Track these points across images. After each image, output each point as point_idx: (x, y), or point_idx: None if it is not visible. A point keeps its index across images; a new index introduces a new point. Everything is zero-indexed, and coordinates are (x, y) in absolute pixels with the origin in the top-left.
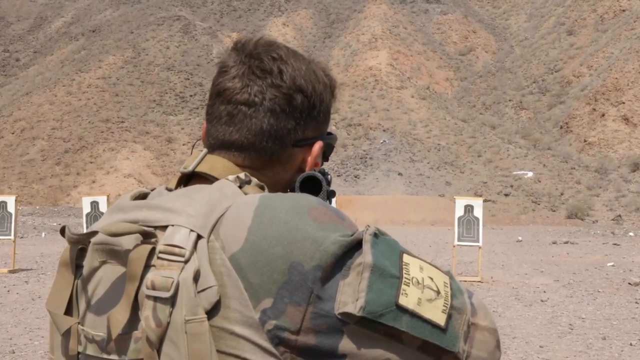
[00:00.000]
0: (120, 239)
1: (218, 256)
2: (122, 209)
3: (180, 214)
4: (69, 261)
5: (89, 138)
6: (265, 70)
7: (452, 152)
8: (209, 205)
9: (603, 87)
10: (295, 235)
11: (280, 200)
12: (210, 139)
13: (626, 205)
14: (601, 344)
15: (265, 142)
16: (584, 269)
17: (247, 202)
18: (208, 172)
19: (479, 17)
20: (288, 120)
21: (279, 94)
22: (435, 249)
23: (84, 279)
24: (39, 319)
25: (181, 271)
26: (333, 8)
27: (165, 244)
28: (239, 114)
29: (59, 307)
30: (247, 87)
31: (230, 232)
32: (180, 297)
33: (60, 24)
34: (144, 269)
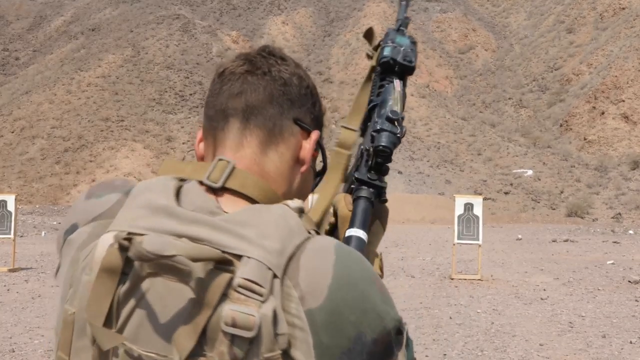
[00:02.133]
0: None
1: (294, 305)
2: (177, 216)
3: (256, 246)
4: (116, 269)
5: (89, 137)
6: (274, 54)
7: (451, 151)
8: (281, 242)
9: (603, 85)
10: (366, 306)
11: (352, 260)
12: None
13: (626, 203)
14: (601, 342)
15: (272, 108)
16: (584, 267)
17: (324, 254)
18: (239, 189)
19: (478, 16)
20: (290, 95)
21: (284, 69)
22: (435, 248)
23: (129, 288)
24: (39, 317)
25: (259, 309)
26: (332, 6)
27: (245, 277)
28: (245, 82)
29: (98, 317)
30: (252, 61)
31: (310, 284)
32: (262, 337)
33: (60, 22)
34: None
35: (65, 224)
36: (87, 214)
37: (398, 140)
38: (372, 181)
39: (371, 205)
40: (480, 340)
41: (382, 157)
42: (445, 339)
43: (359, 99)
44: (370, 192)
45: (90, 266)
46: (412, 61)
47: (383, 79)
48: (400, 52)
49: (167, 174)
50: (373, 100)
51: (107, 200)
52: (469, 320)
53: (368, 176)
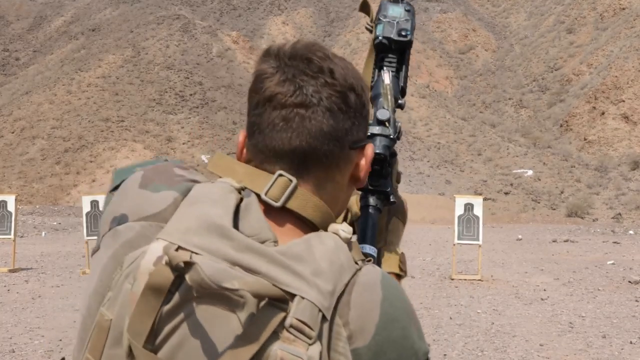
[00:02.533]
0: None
1: (342, 344)
2: (231, 239)
3: (310, 285)
4: (164, 288)
5: (89, 137)
6: (316, 69)
7: (452, 151)
8: (333, 281)
9: (603, 86)
10: (405, 344)
11: (397, 295)
12: (261, 151)
13: (626, 204)
14: (601, 342)
15: (327, 145)
16: (584, 267)
17: (372, 290)
18: (299, 211)
19: (478, 16)
20: (345, 120)
21: (334, 93)
22: (435, 248)
23: (173, 307)
24: (39, 318)
25: (307, 351)
26: (333, 7)
27: (298, 318)
28: (296, 117)
29: (140, 336)
30: (301, 88)
31: (359, 323)
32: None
33: (60, 23)
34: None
35: (114, 210)
36: (140, 209)
37: (392, 141)
38: (375, 187)
39: (378, 212)
40: (480, 340)
41: (378, 163)
42: (446, 339)
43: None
44: (375, 199)
45: (135, 275)
46: (408, 34)
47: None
48: (394, 27)
49: (217, 170)
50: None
51: (163, 198)
52: (469, 320)
53: (369, 183)
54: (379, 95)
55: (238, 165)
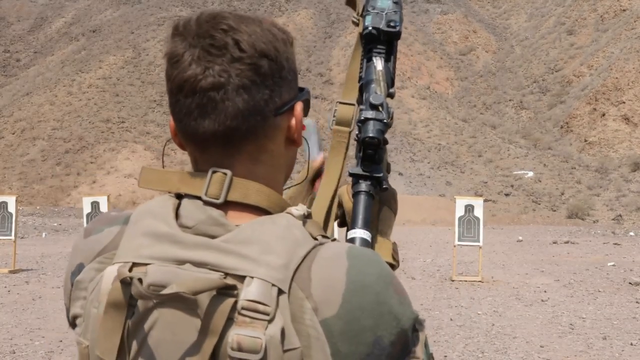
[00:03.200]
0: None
1: (308, 317)
2: (179, 242)
3: (259, 264)
4: (122, 303)
5: (90, 138)
6: (220, 46)
7: (452, 152)
8: (286, 255)
9: (603, 87)
10: (382, 309)
11: (368, 263)
12: (188, 139)
13: (627, 205)
14: (602, 343)
15: (248, 121)
16: (585, 269)
17: (336, 261)
18: (242, 200)
19: (479, 17)
20: (262, 91)
21: (243, 67)
22: (435, 249)
23: (138, 320)
24: (40, 319)
25: (265, 329)
26: (333, 8)
27: (249, 299)
28: (210, 102)
29: (110, 352)
30: (208, 69)
31: (324, 294)
32: (269, 357)
33: (61, 24)
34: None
35: (70, 267)
36: (90, 251)
37: (385, 125)
38: (367, 173)
39: (371, 198)
40: (480, 341)
41: (371, 147)
42: (446, 341)
43: (351, 71)
44: (368, 184)
45: (98, 299)
46: (397, 25)
47: (370, 51)
48: (382, 18)
49: (150, 185)
50: (362, 78)
51: (107, 233)
52: (469, 321)
53: (362, 168)
54: (371, 81)
55: (170, 173)
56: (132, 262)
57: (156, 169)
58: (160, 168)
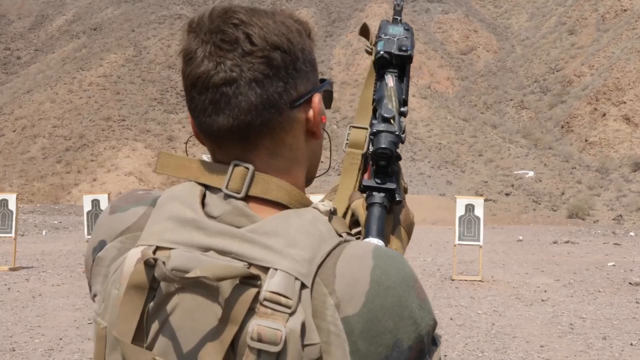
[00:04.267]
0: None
1: (330, 312)
2: (204, 229)
3: (283, 256)
4: (144, 285)
5: (90, 136)
6: (231, 40)
7: (453, 152)
8: (311, 250)
9: (604, 87)
10: (403, 312)
11: (392, 264)
12: (205, 135)
13: (627, 205)
14: (602, 343)
15: (263, 115)
16: (585, 269)
17: (362, 260)
18: (263, 196)
19: (480, 17)
20: (275, 83)
21: (255, 60)
22: (436, 248)
23: (158, 303)
24: (39, 317)
25: (286, 322)
26: (334, 7)
27: (271, 291)
28: (222, 97)
29: (127, 334)
30: (220, 64)
31: (347, 292)
32: (289, 350)
33: (62, 22)
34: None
35: (93, 242)
36: (114, 229)
37: (397, 138)
38: (380, 185)
39: (385, 209)
40: (480, 341)
41: (384, 159)
42: (446, 340)
43: (364, 96)
44: (381, 197)
45: (120, 281)
46: (408, 49)
47: (382, 75)
48: (394, 43)
49: (167, 170)
50: (375, 100)
51: (132, 213)
52: (469, 321)
53: (376, 181)
54: (383, 97)
55: (189, 161)
56: (155, 245)
57: (175, 155)
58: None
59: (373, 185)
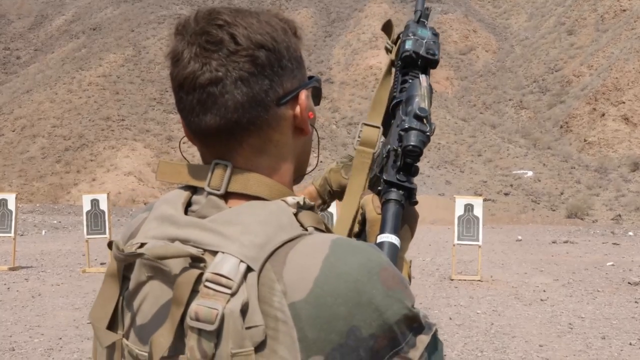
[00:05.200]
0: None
1: (276, 299)
2: (176, 223)
3: (233, 241)
4: (117, 273)
5: (90, 136)
6: (216, 41)
7: (452, 152)
8: (265, 236)
9: (603, 87)
10: (361, 298)
11: (352, 252)
12: (194, 135)
13: (626, 205)
14: (601, 343)
15: (249, 113)
16: (584, 269)
17: (316, 248)
18: (242, 191)
19: (479, 17)
20: (261, 82)
21: (240, 59)
22: (435, 248)
23: (131, 292)
24: (39, 316)
25: (227, 303)
26: (334, 7)
27: (213, 272)
28: (209, 97)
29: (102, 319)
30: (206, 65)
31: (295, 278)
32: (227, 329)
33: (61, 22)
34: (191, 293)
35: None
36: (124, 235)
37: (427, 138)
38: (402, 183)
39: (402, 208)
40: (480, 341)
41: (412, 157)
42: (445, 340)
43: (379, 95)
44: (400, 194)
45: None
46: (436, 54)
47: (406, 74)
48: (422, 45)
49: (166, 177)
50: (396, 97)
51: (138, 218)
52: (468, 321)
53: (397, 177)
54: (414, 95)
55: (181, 166)
56: (141, 242)
57: (171, 162)
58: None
59: (394, 182)
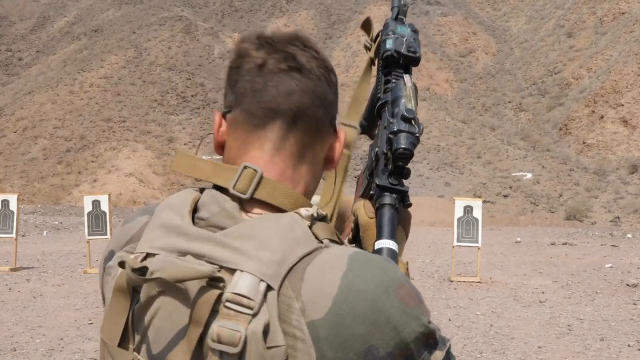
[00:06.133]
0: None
1: (295, 317)
2: (185, 234)
3: (250, 258)
4: (127, 288)
5: (91, 137)
6: (302, 45)
7: (451, 153)
8: (282, 252)
9: (602, 90)
10: (379, 317)
11: (369, 268)
12: (254, 115)
13: (624, 207)
14: (599, 345)
15: (318, 109)
16: (583, 270)
17: (334, 264)
18: (267, 200)
19: (479, 19)
20: (331, 94)
21: (322, 66)
22: (434, 250)
23: (141, 306)
24: (40, 317)
25: (248, 324)
26: (334, 9)
27: (234, 292)
28: (292, 78)
29: (113, 335)
30: (293, 56)
31: (313, 296)
32: (249, 352)
33: (63, 23)
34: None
35: (105, 253)
36: (121, 239)
37: (417, 140)
38: (395, 186)
39: (396, 211)
40: (479, 342)
41: (403, 160)
42: None
43: (358, 94)
44: (393, 198)
45: (112, 286)
46: (417, 51)
47: (388, 74)
48: (403, 43)
49: (181, 169)
50: (381, 98)
51: (137, 222)
52: (467, 322)
53: (389, 181)
54: (400, 97)
55: (202, 162)
56: (146, 252)
57: (190, 155)
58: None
59: (387, 186)
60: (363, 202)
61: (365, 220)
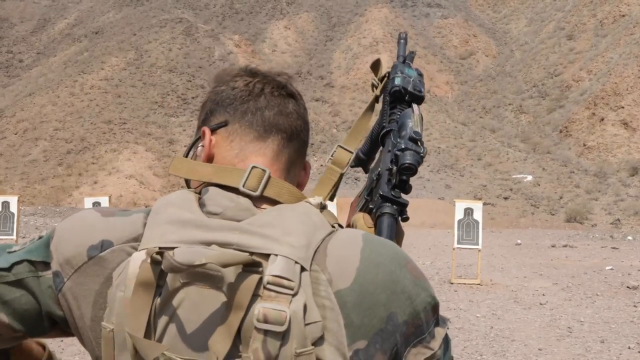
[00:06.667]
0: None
1: (323, 288)
2: (204, 226)
3: (281, 243)
4: (151, 282)
5: (91, 139)
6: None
7: (452, 156)
8: (306, 237)
9: (602, 92)
10: (396, 287)
11: (382, 245)
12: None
13: (625, 209)
14: (600, 347)
15: (305, 134)
16: (583, 273)
17: (351, 241)
18: (275, 197)
19: (479, 22)
20: (308, 128)
21: (302, 106)
22: (434, 252)
23: (165, 299)
24: None
25: (290, 304)
26: (334, 11)
27: (274, 274)
28: (289, 103)
29: (138, 330)
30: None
31: (338, 268)
32: (293, 330)
33: (64, 25)
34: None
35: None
36: (122, 232)
37: (421, 159)
38: (396, 198)
39: (396, 222)
40: (479, 344)
41: (407, 173)
42: None
43: (359, 125)
44: (393, 209)
45: (125, 283)
46: (422, 91)
47: (394, 108)
48: (410, 82)
49: (179, 173)
50: (386, 127)
51: (137, 219)
52: (468, 324)
53: (392, 193)
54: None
55: (201, 165)
56: (158, 247)
57: (187, 160)
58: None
59: (389, 197)
60: (362, 214)
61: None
